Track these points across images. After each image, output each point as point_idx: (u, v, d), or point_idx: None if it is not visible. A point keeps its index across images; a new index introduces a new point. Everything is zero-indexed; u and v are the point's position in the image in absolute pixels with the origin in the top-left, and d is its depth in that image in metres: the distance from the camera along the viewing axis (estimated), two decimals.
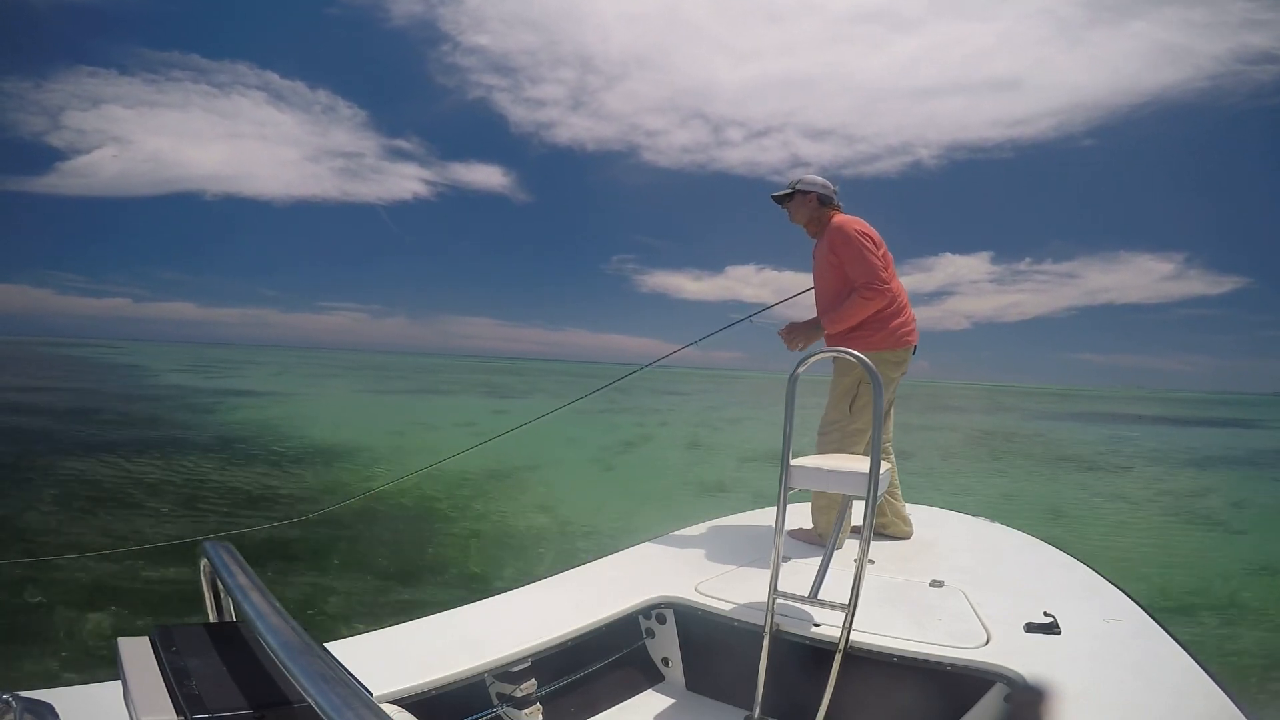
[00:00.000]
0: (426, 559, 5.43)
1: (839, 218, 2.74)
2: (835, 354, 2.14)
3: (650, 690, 1.99)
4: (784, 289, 3.19)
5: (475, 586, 4.61)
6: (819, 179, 2.81)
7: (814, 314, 2.86)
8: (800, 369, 1.79)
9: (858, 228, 2.66)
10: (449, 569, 5.19)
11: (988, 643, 1.66)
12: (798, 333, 2.86)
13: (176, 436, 11.90)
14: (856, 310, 2.63)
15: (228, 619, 0.97)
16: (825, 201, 2.81)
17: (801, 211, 2.84)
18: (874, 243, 2.66)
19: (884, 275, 2.62)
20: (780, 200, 2.90)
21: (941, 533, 2.83)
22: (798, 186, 2.82)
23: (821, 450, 2.54)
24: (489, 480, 8.76)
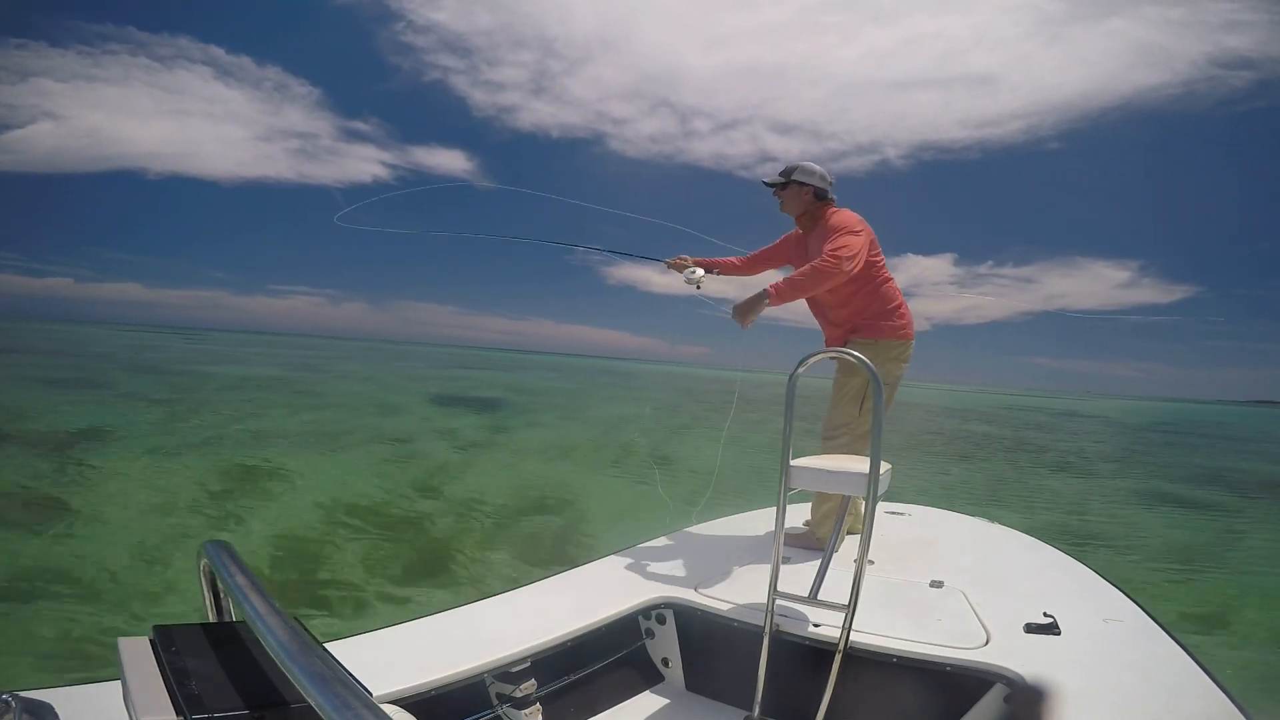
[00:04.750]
0: None
1: (838, 215, 2.64)
2: (837, 354, 2.02)
3: (650, 691, 1.99)
4: (750, 283, 3.04)
5: None
6: (818, 169, 2.68)
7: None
8: (800, 369, 1.78)
9: (850, 215, 2.62)
10: None
11: (987, 643, 1.65)
12: (746, 309, 2.58)
13: None
14: (807, 278, 2.50)
15: (227, 619, 0.96)
16: (821, 195, 2.69)
17: (795, 203, 2.72)
18: (869, 235, 2.58)
19: (850, 256, 2.47)
20: (774, 188, 2.78)
21: (941, 533, 2.80)
22: (794, 176, 2.69)
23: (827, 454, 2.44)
24: None
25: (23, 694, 0.70)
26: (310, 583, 4.77)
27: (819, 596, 1.74)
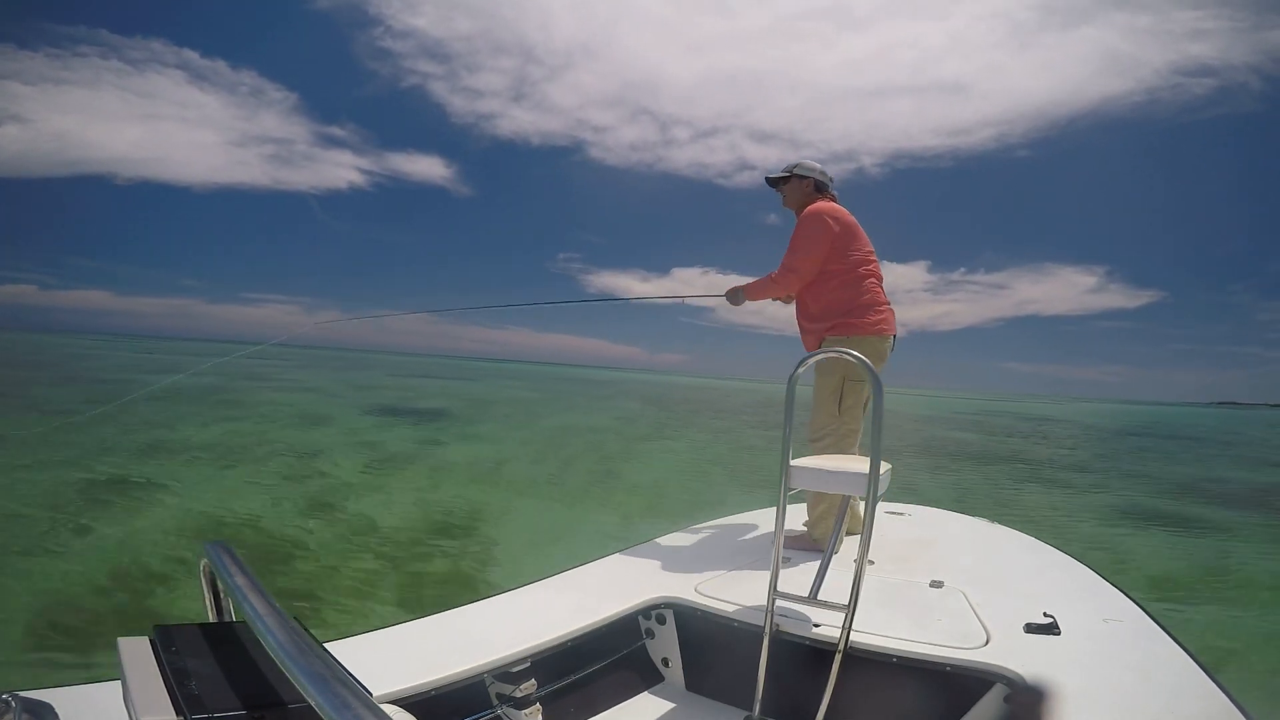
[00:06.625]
0: None
1: (812, 207, 2.68)
2: (833, 354, 1.92)
3: (650, 691, 1.99)
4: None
5: None
6: (817, 165, 2.80)
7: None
8: (800, 369, 1.77)
9: (825, 209, 2.63)
10: None
11: (987, 643, 1.65)
12: (734, 295, 2.90)
13: None
14: (763, 286, 2.73)
15: (227, 619, 0.97)
16: (820, 188, 2.78)
17: (795, 196, 2.81)
18: (834, 230, 2.59)
19: (806, 265, 2.62)
20: (775, 184, 2.87)
21: (941, 533, 2.80)
22: (795, 171, 2.80)
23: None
24: None
25: (23, 694, 0.71)
26: (131, 619, 3.95)
27: (819, 596, 1.74)
